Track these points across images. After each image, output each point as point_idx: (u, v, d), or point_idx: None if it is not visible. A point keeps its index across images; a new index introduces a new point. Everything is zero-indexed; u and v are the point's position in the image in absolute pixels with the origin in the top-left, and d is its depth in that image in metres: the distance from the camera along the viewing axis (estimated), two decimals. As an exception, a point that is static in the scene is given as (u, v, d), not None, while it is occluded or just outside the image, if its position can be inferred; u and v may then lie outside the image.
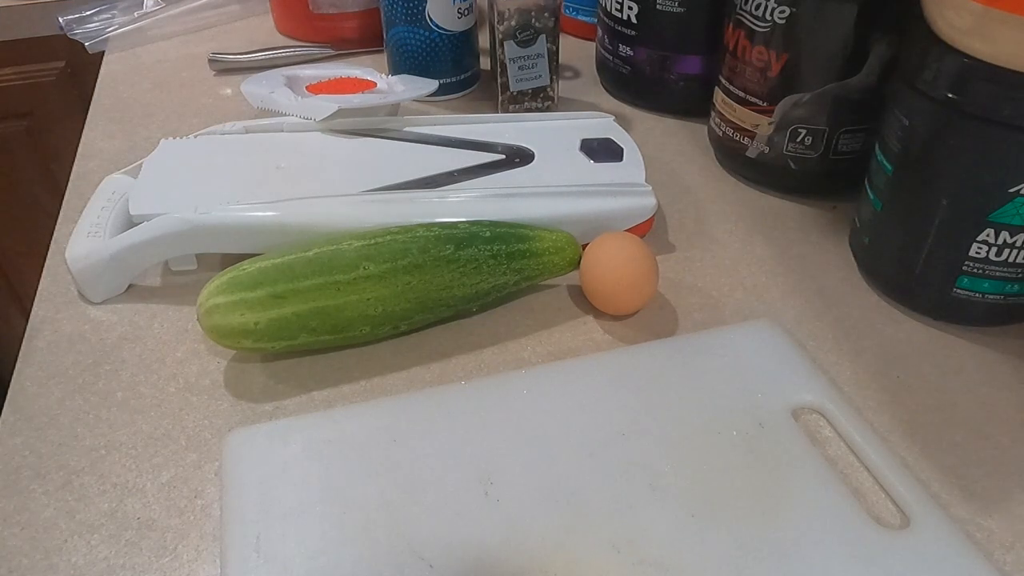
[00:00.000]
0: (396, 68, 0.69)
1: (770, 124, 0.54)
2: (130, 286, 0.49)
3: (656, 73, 0.66)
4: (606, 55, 0.69)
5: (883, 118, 0.46)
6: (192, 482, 0.38)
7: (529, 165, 0.53)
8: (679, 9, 0.62)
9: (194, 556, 0.35)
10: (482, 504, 0.35)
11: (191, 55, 0.79)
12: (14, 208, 1.03)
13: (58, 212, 0.56)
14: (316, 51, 0.77)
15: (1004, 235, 0.41)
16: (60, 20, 0.82)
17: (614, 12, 0.65)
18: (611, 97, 0.71)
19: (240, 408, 0.42)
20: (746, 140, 0.56)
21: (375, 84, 0.63)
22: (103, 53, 0.80)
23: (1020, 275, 0.43)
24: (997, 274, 0.43)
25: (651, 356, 0.43)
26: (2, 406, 0.42)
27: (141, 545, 0.35)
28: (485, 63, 0.74)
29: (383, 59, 0.72)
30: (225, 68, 0.75)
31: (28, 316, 0.47)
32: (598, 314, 0.47)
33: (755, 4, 0.51)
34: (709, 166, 0.62)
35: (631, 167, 0.53)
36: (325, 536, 0.34)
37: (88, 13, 0.83)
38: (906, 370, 0.44)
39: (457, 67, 0.69)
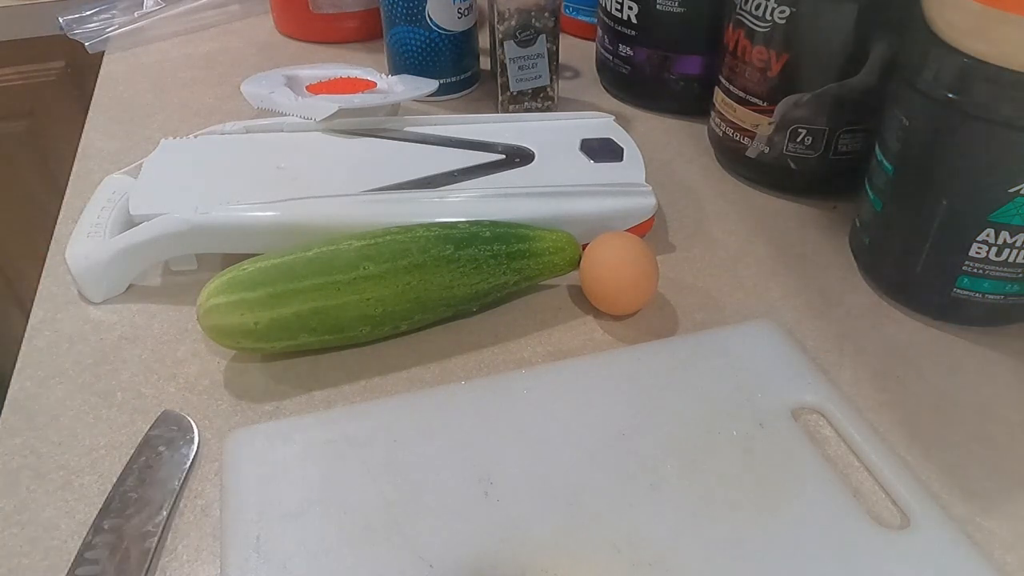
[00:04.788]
0: (396, 68, 0.69)
1: (770, 124, 0.54)
2: (130, 286, 0.49)
3: (656, 73, 0.66)
4: (606, 55, 0.69)
5: (883, 118, 0.46)
6: (192, 482, 0.38)
7: (529, 165, 0.53)
8: (679, 9, 0.62)
9: (194, 556, 0.35)
10: (482, 504, 0.35)
11: (191, 55, 0.79)
12: (14, 208, 1.03)
13: (58, 212, 0.56)
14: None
15: (1004, 235, 0.41)
16: (60, 20, 0.82)
17: (614, 12, 0.65)
18: (611, 97, 0.71)
19: (240, 408, 0.42)
20: (746, 140, 0.56)
21: (375, 84, 0.63)
22: (103, 53, 0.80)
23: (1020, 275, 0.43)
24: (997, 274, 0.43)
25: (651, 356, 0.43)
26: (2, 406, 0.42)
27: (141, 545, 0.35)
28: (485, 63, 0.74)
29: (383, 59, 0.72)
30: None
31: (28, 316, 0.47)
32: (598, 314, 0.47)
33: (755, 4, 0.51)
34: (709, 166, 0.62)
35: (631, 167, 0.53)
36: (325, 536, 0.34)
37: (88, 13, 0.83)
38: (906, 370, 0.44)
39: (457, 67, 0.69)
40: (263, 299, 0.40)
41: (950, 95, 0.40)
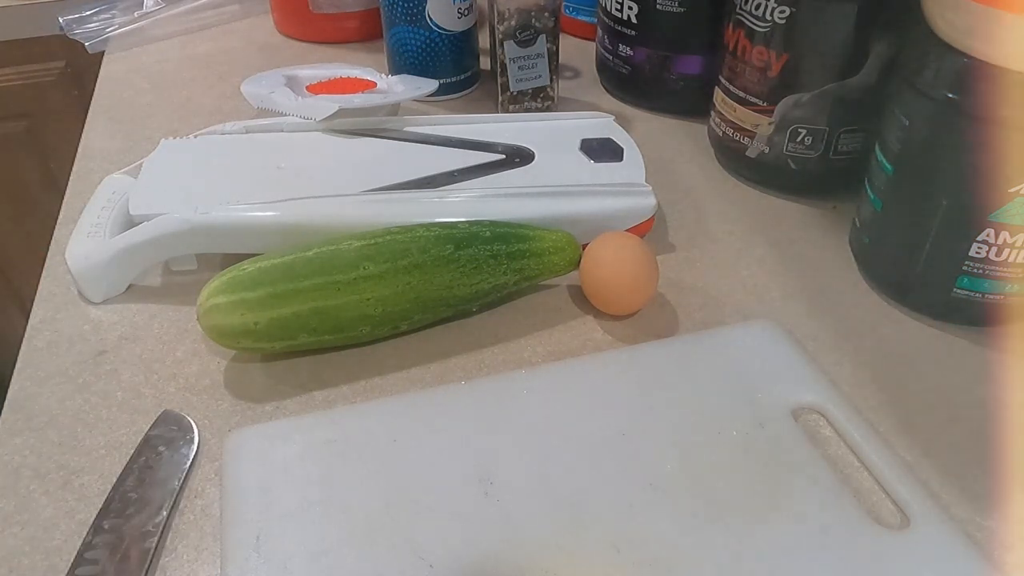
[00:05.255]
0: (396, 68, 0.69)
1: (770, 124, 0.54)
2: (130, 286, 0.49)
3: (656, 73, 0.66)
4: (606, 55, 0.69)
5: (883, 118, 0.46)
6: (192, 482, 0.38)
7: (529, 165, 0.53)
8: (679, 9, 0.62)
9: (194, 556, 0.35)
10: (482, 504, 0.35)
11: (191, 55, 0.79)
12: (14, 208, 1.03)
13: (58, 212, 0.56)
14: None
15: (1004, 235, 0.41)
16: (60, 20, 0.82)
17: (614, 12, 0.65)
18: (611, 97, 0.71)
19: (240, 408, 0.42)
20: (746, 140, 0.56)
21: (375, 84, 0.63)
22: (103, 53, 0.80)
23: (1020, 275, 0.43)
24: (997, 274, 0.43)
25: (651, 356, 0.43)
26: (2, 406, 0.42)
27: (141, 545, 0.35)
28: (485, 63, 0.74)
29: (383, 59, 0.72)
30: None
31: (28, 316, 0.47)
32: (598, 314, 0.47)
33: (755, 4, 0.51)
34: (709, 166, 0.62)
35: (631, 167, 0.53)
36: (325, 536, 0.34)
37: (88, 13, 0.83)
38: (906, 370, 0.44)
39: (457, 67, 0.69)
40: (263, 299, 0.40)
41: (950, 95, 0.40)
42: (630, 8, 0.63)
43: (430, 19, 0.65)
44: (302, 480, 0.36)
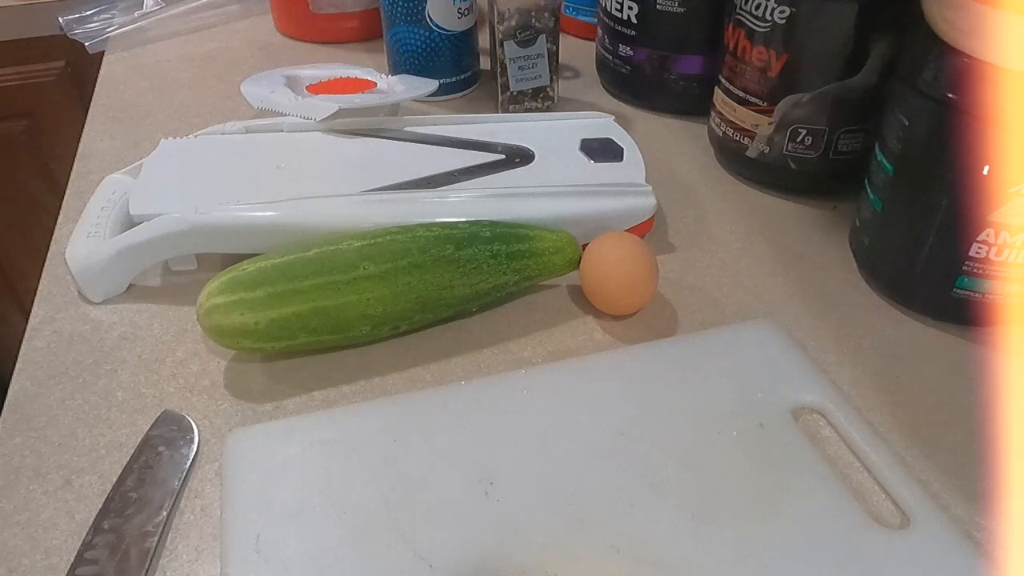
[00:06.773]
0: (396, 68, 0.69)
1: (770, 124, 0.54)
2: (130, 286, 0.49)
3: (656, 73, 0.66)
4: (606, 55, 0.69)
5: (883, 118, 0.46)
6: (192, 482, 0.38)
7: (529, 165, 0.53)
8: (679, 9, 0.62)
9: (194, 556, 0.35)
10: (482, 504, 0.35)
11: (191, 55, 0.79)
12: (14, 208, 1.03)
13: (58, 212, 0.56)
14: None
15: (1004, 235, 0.41)
16: (60, 20, 0.82)
17: (614, 12, 0.65)
18: (611, 97, 0.71)
19: (240, 408, 0.42)
20: (746, 140, 0.56)
21: (375, 84, 0.63)
22: (103, 53, 0.80)
23: (1020, 275, 0.43)
24: (997, 274, 0.43)
25: (651, 356, 0.43)
26: (2, 406, 0.42)
27: (141, 545, 0.35)
28: (485, 63, 0.74)
29: (383, 59, 0.72)
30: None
31: (28, 316, 0.47)
32: (598, 314, 0.47)
33: (755, 4, 0.51)
34: (709, 166, 0.62)
35: (631, 167, 0.53)
36: (325, 536, 0.34)
37: (88, 13, 0.83)
38: (906, 370, 0.44)
39: (457, 67, 0.69)
40: (263, 299, 0.40)
41: (950, 95, 0.40)
42: (630, 8, 0.63)
43: (430, 19, 0.65)
44: (302, 480, 0.36)
